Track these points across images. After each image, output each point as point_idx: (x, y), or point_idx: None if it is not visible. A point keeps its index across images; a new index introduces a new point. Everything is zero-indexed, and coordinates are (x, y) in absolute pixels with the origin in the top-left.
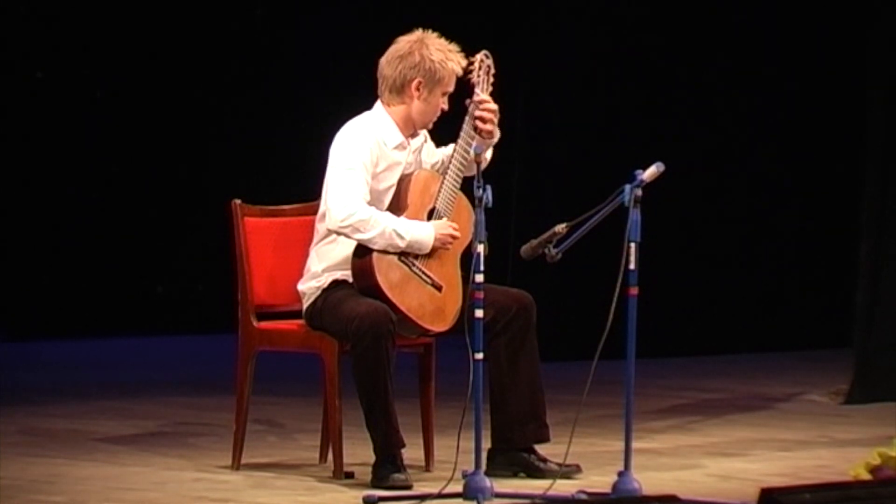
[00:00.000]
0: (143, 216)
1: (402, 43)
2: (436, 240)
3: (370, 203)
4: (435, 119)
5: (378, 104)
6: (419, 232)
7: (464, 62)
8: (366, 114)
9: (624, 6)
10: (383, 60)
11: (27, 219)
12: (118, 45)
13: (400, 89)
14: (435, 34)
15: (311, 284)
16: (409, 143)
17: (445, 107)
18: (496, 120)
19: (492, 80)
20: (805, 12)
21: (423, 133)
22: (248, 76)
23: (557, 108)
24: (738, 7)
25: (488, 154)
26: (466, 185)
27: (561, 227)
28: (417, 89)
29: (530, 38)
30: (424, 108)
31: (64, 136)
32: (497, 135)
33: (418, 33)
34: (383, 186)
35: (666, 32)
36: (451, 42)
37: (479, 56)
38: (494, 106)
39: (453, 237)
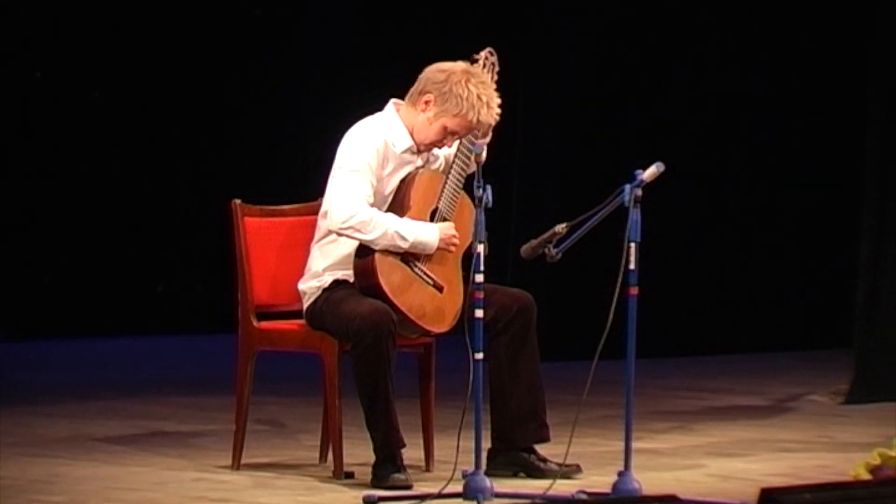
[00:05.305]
0: (143, 216)
1: (455, 63)
2: (440, 241)
3: (375, 205)
4: (428, 144)
5: (390, 105)
6: (423, 233)
7: (488, 117)
8: (376, 115)
9: (624, 6)
10: (430, 66)
11: (27, 219)
12: (117, 45)
13: (417, 95)
14: (489, 80)
15: (311, 284)
16: (416, 148)
17: (448, 144)
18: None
19: (496, 77)
20: (806, 12)
21: None
22: (247, 76)
23: (557, 107)
24: (739, 7)
25: (483, 154)
26: (467, 185)
27: (561, 227)
28: (426, 104)
29: (531, 38)
30: (423, 126)
31: (63, 136)
32: (489, 136)
33: (475, 69)
34: (389, 190)
35: (666, 32)
36: (496, 92)
37: (483, 53)
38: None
39: (456, 241)
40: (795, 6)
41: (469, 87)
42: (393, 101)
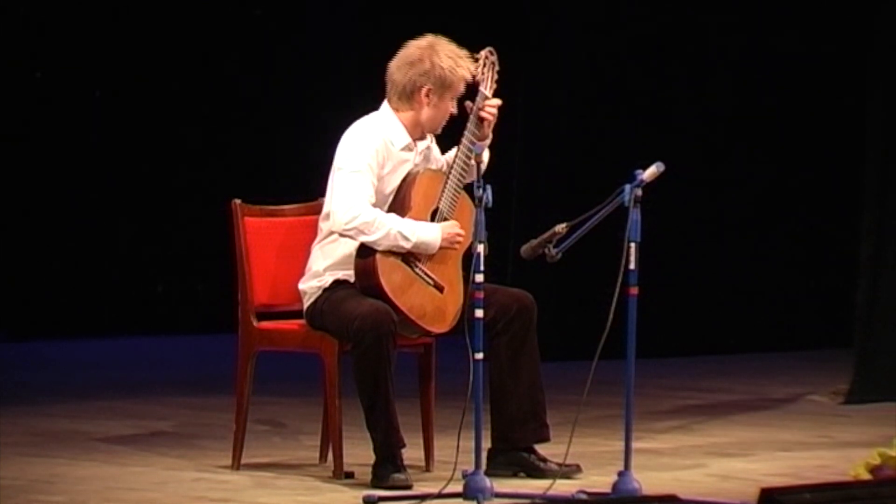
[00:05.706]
0: (143, 216)
1: (413, 48)
2: (443, 240)
3: (376, 205)
4: (444, 123)
5: (385, 105)
6: (425, 233)
7: (473, 67)
8: (373, 115)
9: (624, 7)
10: (393, 65)
11: (27, 219)
12: (117, 45)
13: (409, 96)
14: (445, 39)
15: (312, 284)
16: (416, 145)
17: (454, 110)
18: (494, 120)
19: (496, 76)
20: (806, 13)
21: (430, 136)
22: (247, 76)
23: (557, 108)
24: (740, 7)
25: (485, 155)
26: (467, 185)
27: (561, 227)
28: (427, 96)
29: (531, 38)
30: (434, 113)
31: (63, 135)
32: (489, 137)
33: (429, 38)
34: (389, 189)
35: (666, 31)
36: (460, 47)
37: (483, 52)
38: (498, 101)
39: (460, 238)
40: (796, 7)
41: (448, 57)
42: (389, 104)
